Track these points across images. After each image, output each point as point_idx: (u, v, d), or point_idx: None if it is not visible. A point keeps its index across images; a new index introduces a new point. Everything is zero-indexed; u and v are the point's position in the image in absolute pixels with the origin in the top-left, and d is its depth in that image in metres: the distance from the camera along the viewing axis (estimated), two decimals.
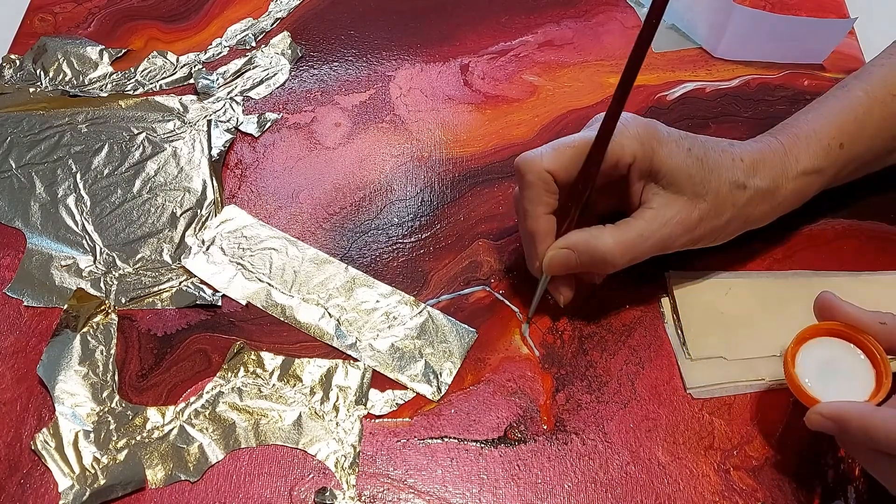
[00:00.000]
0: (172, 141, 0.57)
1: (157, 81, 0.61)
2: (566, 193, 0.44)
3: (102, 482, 0.43)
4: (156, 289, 0.50)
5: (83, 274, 0.51)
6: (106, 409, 0.45)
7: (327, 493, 0.43)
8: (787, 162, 0.46)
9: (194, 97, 0.60)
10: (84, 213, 0.54)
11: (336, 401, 0.46)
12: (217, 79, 0.61)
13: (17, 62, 0.62)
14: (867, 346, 0.40)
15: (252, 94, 0.60)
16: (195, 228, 0.53)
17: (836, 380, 0.40)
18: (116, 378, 0.47)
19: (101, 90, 0.61)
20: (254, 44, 0.64)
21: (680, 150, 0.44)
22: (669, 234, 0.44)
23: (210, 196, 0.54)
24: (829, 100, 0.49)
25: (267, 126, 0.59)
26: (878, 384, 0.39)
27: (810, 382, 0.40)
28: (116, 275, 0.51)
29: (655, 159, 0.43)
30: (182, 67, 0.62)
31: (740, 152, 0.46)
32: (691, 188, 0.44)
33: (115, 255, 0.52)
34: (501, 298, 0.50)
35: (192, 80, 0.61)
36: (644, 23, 0.38)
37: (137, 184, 0.55)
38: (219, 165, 0.56)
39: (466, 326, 0.48)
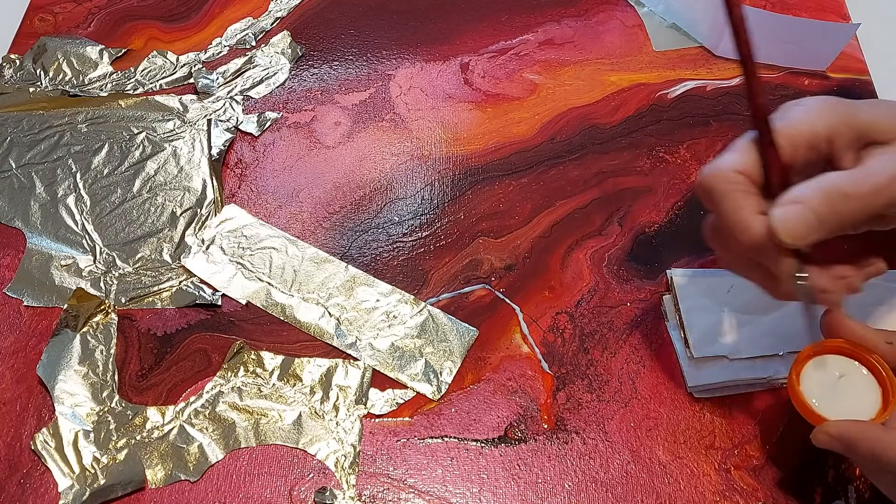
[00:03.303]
0: (172, 140, 0.57)
1: (157, 81, 0.61)
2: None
3: (102, 482, 0.43)
4: (156, 288, 0.50)
5: (83, 274, 0.51)
6: (106, 409, 0.45)
7: (327, 493, 0.42)
8: None
9: (194, 97, 0.60)
10: (84, 213, 0.54)
11: (336, 400, 0.46)
12: (217, 78, 0.61)
13: (17, 62, 0.62)
14: (873, 365, 0.39)
15: (252, 93, 0.60)
16: (195, 228, 0.53)
17: (842, 398, 0.39)
18: (116, 378, 0.46)
19: (101, 90, 0.61)
20: (254, 43, 0.63)
21: (871, 103, 0.38)
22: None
23: (210, 195, 0.54)
24: None
25: (267, 125, 0.58)
26: (885, 403, 0.39)
27: (816, 401, 0.39)
28: (116, 274, 0.51)
29: (860, 117, 0.36)
30: (182, 67, 0.62)
31: None
32: None
33: (114, 254, 0.52)
34: (502, 297, 0.50)
35: (192, 80, 0.61)
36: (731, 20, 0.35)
37: (137, 183, 0.55)
38: (219, 165, 0.56)
39: (467, 325, 0.48)
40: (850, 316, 0.40)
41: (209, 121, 0.58)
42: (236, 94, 0.60)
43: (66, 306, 0.48)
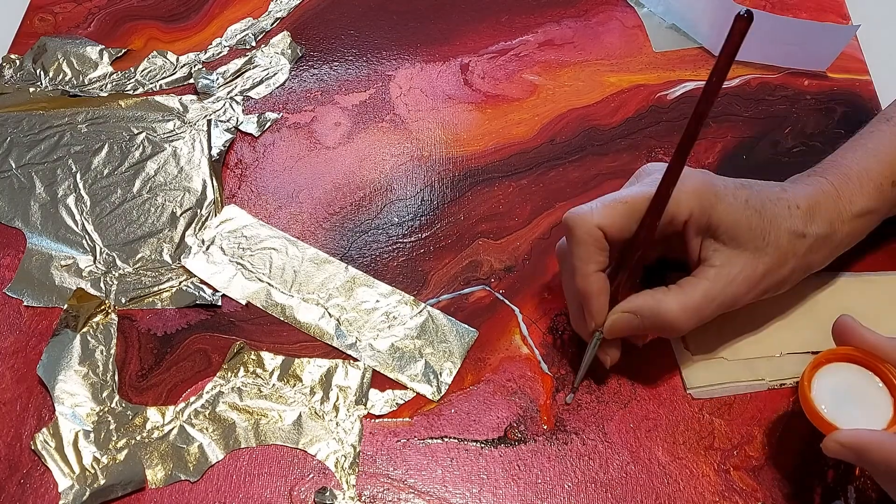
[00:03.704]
0: (172, 141, 0.57)
1: (157, 81, 0.61)
2: (617, 250, 0.42)
3: (102, 482, 0.43)
4: (156, 289, 0.50)
5: (83, 274, 0.51)
6: (106, 409, 0.45)
7: (327, 493, 0.43)
8: (841, 205, 0.45)
9: (194, 97, 0.60)
10: (84, 213, 0.54)
11: (336, 401, 0.46)
12: (217, 78, 0.61)
13: (17, 62, 0.62)
14: (885, 374, 0.39)
15: (252, 93, 0.60)
16: (195, 228, 0.53)
17: (854, 407, 0.39)
18: (116, 378, 0.47)
19: (101, 90, 0.61)
20: (254, 43, 0.64)
21: (738, 203, 0.42)
22: (735, 292, 0.42)
23: (210, 196, 0.54)
24: (875, 136, 0.47)
25: (267, 126, 0.59)
26: None
27: (827, 408, 0.39)
28: (116, 275, 0.51)
29: (714, 215, 0.41)
30: (182, 67, 0.62)
31: (794, 198, 0.44)
32: (752, 242, 0.42)
33: (115, 254, 0.52)
34: (501, 298, 0.50)
35: (192, 80, 0.61)
36: (706, 85, 0.38)
37: (137, 184, 0.55)
38: (219, 165, 0.56)
39: (466, 326, 0.48)
40: (861, 324, 0.40)
41: (209, 121, 0.58)
42: (236, 95, 0.60)
43: (66, 306, 0.48)
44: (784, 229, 0.43)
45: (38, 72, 0.62)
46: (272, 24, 0.65)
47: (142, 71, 0.62)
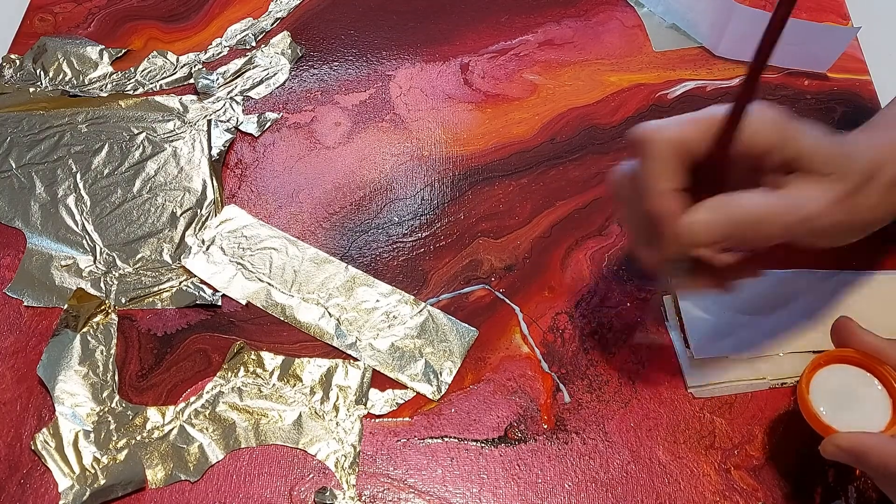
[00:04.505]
0: (172, 141, 0.57)
1: (157, 81, 0.61)
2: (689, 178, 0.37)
3: (102, 482, 0.43)
4: (156, 289, 0.50)
5: (83, 274, 0.51)
6: (106, 409, 0.45)
7: (327, 493, 0.42)
8: None
9: (194, 97, 0.60)
10: (84, 213, 0.54)
11: (336, 400, 0.46)
12: (217, 79, 0.61)
13: (17, 62, 0.62)
14: (884, 376, 0.39)
15: (252, 93, 0.60)
16: (195, 228, 0.53)
17: (852, 409, 0.39)
18: (116, 378, 0.46)
19: (101, 90, 0.61)
20: (254, 43, 0.64)
21: (815, 132, 0.38)
22: (818, 210, 0.37)
23: (210, 196, 0.54)
24: None
25: (267, 126, 0.59)
26: (895, 414, 0.39)
27: (825, 411, 0.39)
28: (116, 275, 0.51)
29: (793, 144, 0.37)
30: (182, 67, 0.62)
31: (867, 137, 0.41)
32: (835, 168, 0.38)
33: (115, 254, 0.52)
34: (502, 297, 0.50)
35: (192, 80, 0.61)
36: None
37: (137, 184, 0.55)
38: (219, 165, 0.56)
39: (467, 325, 0.48)
40: (860, 326, 0.40)
41: (209, 121, 0.58)
42: (236, 95, 0.60)
43: (66, 306, 0.48)
44: (865, 159, 0.39)
45: (38, 72, 0.62)
46: (272, 25, 0.65)
47: (142, 71, 0.62)
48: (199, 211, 0.54)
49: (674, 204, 0.37)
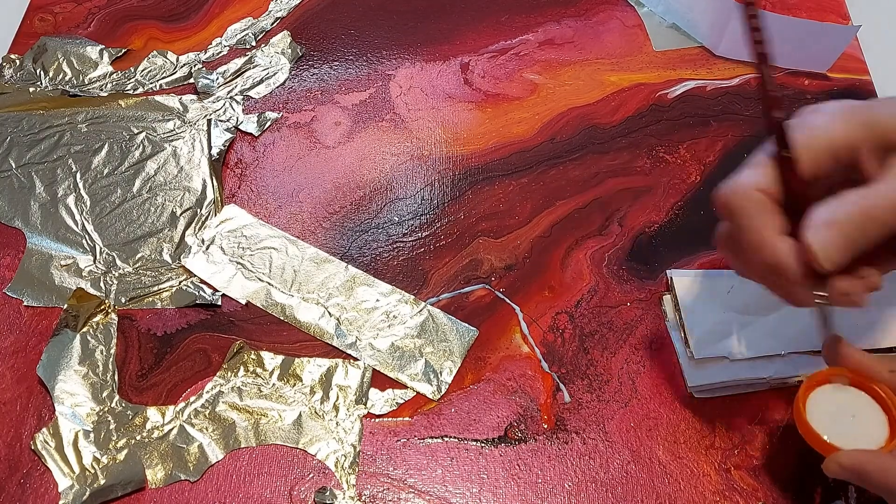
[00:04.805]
0: (172, 140, 0.57)
1: (157, 81, 0.61)
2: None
3: (102, 482, 0.43)
4: (156, 288, 0.50)
5: (83, 274, 0.51)
6: (106, 409, 0.45)
7: (327, 493, 0.42)
8: None
9: (194, 97, 0.60)
10: (84, 213, 0.54)
11: (336, 400, 0.46)
12: (217, 78, 0.61)
13: (17, 62, 0.62)
14: (878, 393, 0.39)
15: (252, 93, 0.60)
16: (195, 228, 0.53)
17: (849, 427, 0.39)
18: (116, 378, 0.46)
19: (101, 90, 0.61)
20: (254, 43, 0.63)
21: (891, 105, 0.36)
22: None
23: (210, 195, 0.54)
24: None
25: (267, 125, 0.58)
26: (893, 431, 0.38)
27: (823, 429, 0.39)
28: (116, 274, 0.51)
29: (881, 122, 0.36)
30: (182, 67, 0.62)
31: None
32: None
33: (114, 254, 0.52)
34: (502, 297, 0.50)
35: (192, 80, 0.61)
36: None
37: (137, 183, 0.55)
38: (219, 165, 0.56)
39: (467, 325, 0.48)
40: (850, 345, 0.40)
41: (209, 121, 0.58)
42: (236, 94, 0.60)
43: (66, 306, 0.48)
44: None
45: (38, 72, 0.62)
46: (272, 24, 0.65)
47: (142, 71, 0.62)
48: (198, 210, 0.54)
49: (786, 250, 0.36)
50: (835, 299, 0.37)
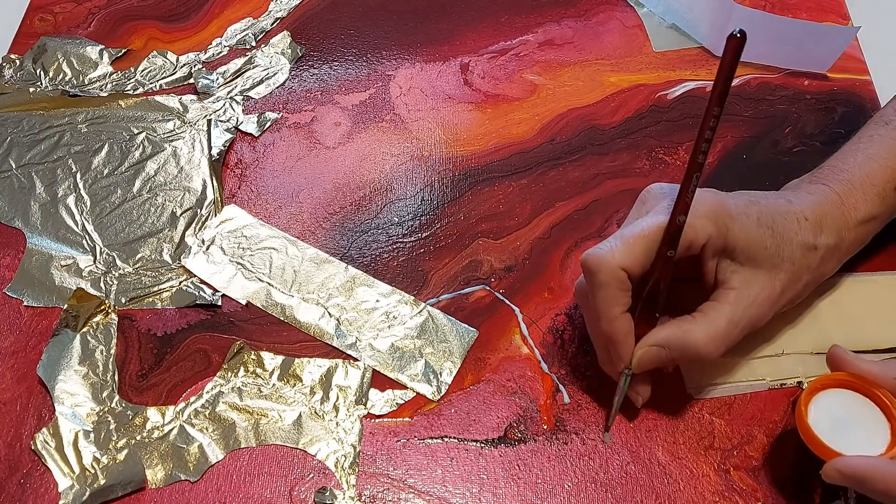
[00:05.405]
0: (172, 141, 0.57)
1: (157, 81, 0.61)
2: (637, 285, 0.41)
3: (102, 482, 0.43)
4: (156, 288, 0.50)
5: (83, 274, 0.51)
6: (106, 409, 0.45)
7: (327, 493, 0.43)
8: (846, 213, 0.45)
9: (194, 97, 0.60)
10: (84, 213, 0.54)
11: (336, 400, 0.46)
12: (217, 78, 0.61)
13: (17, 62, 0.62)
14: (880, 399, 0.39)
15: (252, 93, 0.60)
16: (195, 228, 0.53)
17: (851, 432, 0.39)
18: (116, 378, 0.47)
19: (101, 90, 0.61)
20: (254, 43, 0.64)
21: (750, 222, 0.42)
22: (757, 312, 0.42)
23: (210, 196, 0.54)
24: (875, 140, 0.47)
25: (267, 125, 0.59)
26: (894, 437, 0.39)
27: (824, 434, 0.39)
28: (116, 274, 0.51)
29: (730, 237, 0.41)
30: (182, 67, 0.62)
31: (802, 210, 0.44)
32: (768, 261, 0.42)
33: (115, 254, 0.52)
34: (502, 298, 0.50)
35: (192, 80, 0.61)
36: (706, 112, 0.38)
37: (137, 183, 0.55)
38: (219, 165, 0.56)
39: (467, 326, 0.48)
40: (852, 354, 0.41)
41: (209, 121, 0.58)
42: (236, 95, 0.60)
43: (66, 306, 0.48)
44: (797, 244, 0.43)
45: (38, 72, 0.62)
46: (272, 24, 0.65)
47: (142, 71, 0.62)
48: (199, 211, 0.54)
49: (623, 328, 0.41)
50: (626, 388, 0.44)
